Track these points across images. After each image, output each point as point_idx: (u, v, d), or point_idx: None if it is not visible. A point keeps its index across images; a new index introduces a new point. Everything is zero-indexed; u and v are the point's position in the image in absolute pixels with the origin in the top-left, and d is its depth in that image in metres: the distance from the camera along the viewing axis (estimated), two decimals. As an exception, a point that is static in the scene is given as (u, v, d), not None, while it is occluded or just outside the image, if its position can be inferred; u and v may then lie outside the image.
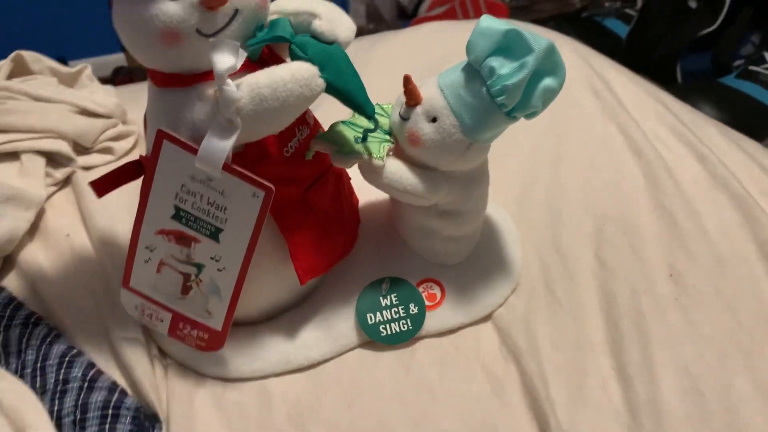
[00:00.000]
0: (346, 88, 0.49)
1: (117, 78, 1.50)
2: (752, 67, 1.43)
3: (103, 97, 0.79)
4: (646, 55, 1.46)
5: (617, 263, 0.60)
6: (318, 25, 0.49)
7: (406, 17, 1.85)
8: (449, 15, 1.66)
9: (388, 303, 0.56)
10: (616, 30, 1.59)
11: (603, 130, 0.74)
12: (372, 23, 1.82)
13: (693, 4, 1.50)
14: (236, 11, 0.46)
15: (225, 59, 0.45)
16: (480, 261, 0.59)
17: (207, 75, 0.48)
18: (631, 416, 0.50)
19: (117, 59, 1.72)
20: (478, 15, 1.63)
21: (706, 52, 1.51)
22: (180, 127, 0.48)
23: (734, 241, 0.60)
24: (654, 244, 0.61)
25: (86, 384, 0.52)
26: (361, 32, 1.01)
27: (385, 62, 0.85)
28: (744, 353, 0.53)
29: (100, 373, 0.53)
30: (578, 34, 1.41)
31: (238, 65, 0.45)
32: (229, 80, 0.45)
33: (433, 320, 0.56)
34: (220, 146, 0.46)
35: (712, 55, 1.50)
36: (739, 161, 0.69)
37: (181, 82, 0.48)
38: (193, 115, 0.47)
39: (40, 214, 0.69)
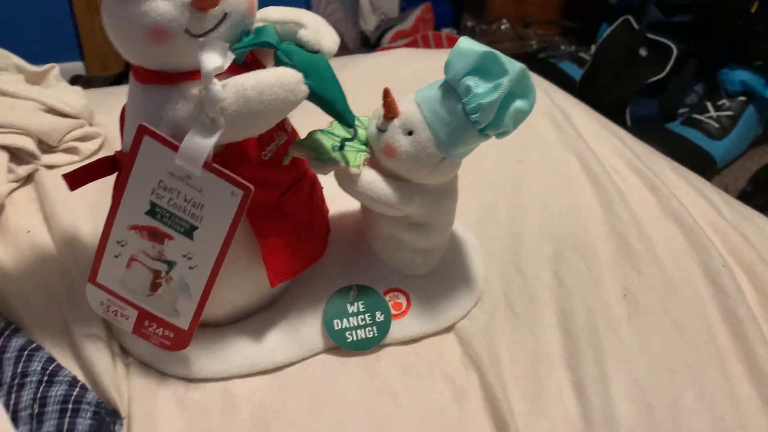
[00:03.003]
0: (329, 96, 0.50)
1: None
2: (695, 116, 1.51)
3: (72, 97, 0.78)
4: (598, 98, 1.52)
5: (574, 283, 0.62)
6: (304, 34, 0.51)
7: (369, 47, 1.89)
8: (411, 47, 1.70)
9: (355, 310, 0.57)
10: (571, 72, 1.66)
11: (562, 158, 0.77)
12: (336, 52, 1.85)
13: (643, 53, 1.58)
14: (225, 14, 0.48)
15: (213, 59, 0.46)
16: (445, 274, 0.61)
17: (191, 74, 0.48)
18: (586, 425, 0.52)
19: (74, 68, 1.70)
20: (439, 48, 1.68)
21: (654, 98, 1.58)
22: (161, 124, 0.48)
23: (683, 266, 0.64)
24: (609, 266, 0.64)
25: (46, 378, 0.51)
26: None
27: (356, 82, 0.87)
28: (691, 370, 0.56)
29: (60, 367, 0.52)
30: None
31: (226, 66, 0.47)
32: (215, 80, 0.46)
33: (398, 329, 0.57)
34: (202, 144, 0.47)
35: (660, 101, 1.58)
36: (688, 194, 0.73)
37: (166, 79, 0.49)
38: (176, 112, 0.48)
39: (-1, 210, 0.68)
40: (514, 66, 0.50)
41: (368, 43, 1.89)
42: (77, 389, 0.51)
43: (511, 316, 0.60)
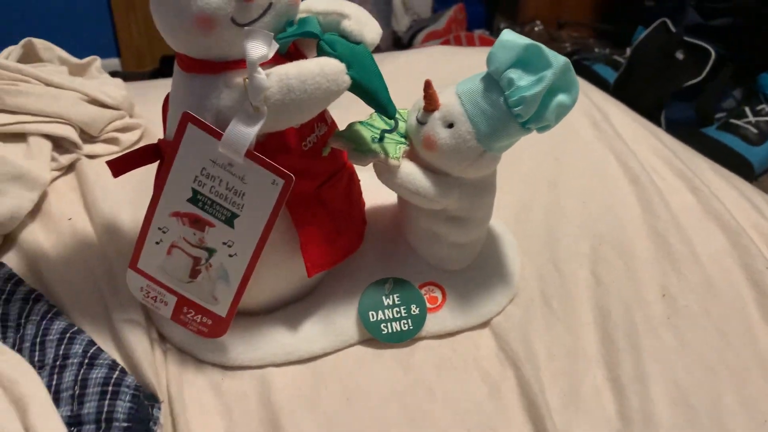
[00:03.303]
0: (371, 87, 0.50)
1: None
2: (733, 120, 1.48)
3: (113, 89, 0.79)
4: (633, 102, 1.50)
5: (612, 281, 0.62)
6: (347, 25, 0.51)
7: (401, 47, 1.89)
8: (444, 48, 1.70)
9: (391, 302, 0.57)
10: (605, 75, 1.64)
11: (600, 157, 0.76)
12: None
13: (680, 56, 1.55)
14: (270, 4, 0.48)
15: (258, 48, 0.46)
16: (481, 269, 0.61)
17: (236, 63, 0.49)
18: (624, 424, 0.51)
19: (110, 64, 1.73)
20: (473, 50, 1.67)
21: (690, 102, 1.56)
22: (205, 113, 0.49)
23: (724, 267, 0.63)
24: (648, 265, 0.63)
25: (87, 360, 0.52)
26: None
27: (389, 78, 0.87)
28: (732, 371, 0.55)
29: (100, 350, 0.53)
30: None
31: (270, 55, 0.47)
32: (259, 69, 0.46)
33: (433, 322, 0.57)
34: (245, 132, 0.48)
35: (696, 105, 1.55)
36: (730, 195, 0.72)
37: (210, 68, 0.49)
38: (219, 101, 0.49)
39: (42, 197, 0.69)
40: (557, 59, 0.50)
41: (400, 44, 1.89)
42: (117, 372, 0.51)
43: (547, 313, 0.59)
